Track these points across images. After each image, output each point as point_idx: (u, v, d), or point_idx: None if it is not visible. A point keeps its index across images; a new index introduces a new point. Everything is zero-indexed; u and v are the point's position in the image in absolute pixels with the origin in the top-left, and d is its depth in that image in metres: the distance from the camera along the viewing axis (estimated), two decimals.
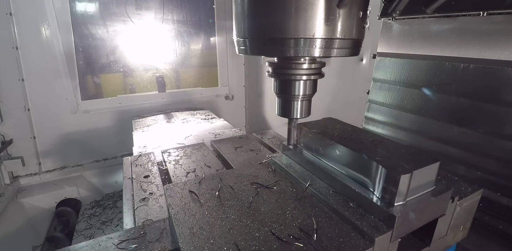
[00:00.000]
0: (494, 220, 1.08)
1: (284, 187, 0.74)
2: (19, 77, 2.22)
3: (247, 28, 0.72)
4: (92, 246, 0.67)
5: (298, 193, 0.71)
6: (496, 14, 0.98)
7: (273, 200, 0.69)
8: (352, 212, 0.61)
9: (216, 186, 0.75)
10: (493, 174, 1.06)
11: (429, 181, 0.63)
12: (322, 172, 0.74)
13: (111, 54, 2.70)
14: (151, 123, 2.28)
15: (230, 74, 3.17)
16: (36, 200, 2.34)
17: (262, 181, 0.77)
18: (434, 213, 0.64)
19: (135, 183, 1.13)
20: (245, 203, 0.68)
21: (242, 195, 0.71)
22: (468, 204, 0.73)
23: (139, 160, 1.34)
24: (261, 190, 0.73)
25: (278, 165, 0.85)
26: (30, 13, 2.17)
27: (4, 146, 2.20)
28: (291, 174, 0.79)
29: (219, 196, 0.71)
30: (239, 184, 0.76)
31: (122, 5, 2.58)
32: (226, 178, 0.80)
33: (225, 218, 0.63)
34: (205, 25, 3.04)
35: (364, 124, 1.51)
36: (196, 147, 1.44)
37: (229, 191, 0.73)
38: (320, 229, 0.58)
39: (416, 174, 0.57)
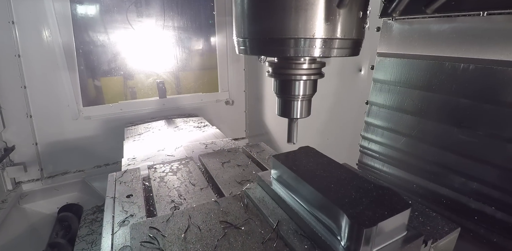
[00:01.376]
0: (489, 233, 1.07)
1: (253, 226, 0.72)
2: (21, 84, 2.23)
3: (247, 28, 0.72)
4: None
5: (266, 235, 0.68)
6: (496, 14, 0.98)
7: (240, 243, 0.66)
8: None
9: (184, 225, 0.73)
10: (488, 185, 1.06)
11: (399, 228, 0.60)
12: (292, 211, 0.71)
13: (113, 61, 2.72)
14: (143, 131, 2.27)
15: (230, 79, 3.18)
16: (38, 206, 2.34)
17: (232, 219, 0.75)
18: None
19: (117, 202, 1.09)
20: (210, 247, 0.65)
21: (209, 237, 0.69)
22: (444, 244, 0.70)
23: (124, 176, 1.31)
24: (229, 231, 0.71)
25: (251, 199, 0.83)
26: (32, 21, 2.19)
27: (6, 152, 2.21)
28: (262, 211, 0.76)
29: (184, 238, 0.69)
30: (207, 223, 0.74)
31: (123, 12, 2.61)
32: (195, 215, 0.77)
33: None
34: (205, 32, 3.06)
35: (363, 132, 1.51)
36: (183, 162, 1.44)
37: (195, 232, 0.71)
38: None
39: (382, 225, 0.54)
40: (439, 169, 1.21)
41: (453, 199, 1.17)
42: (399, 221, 0.58)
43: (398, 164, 1.37)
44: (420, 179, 1.28)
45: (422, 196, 1.29)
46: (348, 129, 1.83)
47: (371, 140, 1.48)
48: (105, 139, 2.67)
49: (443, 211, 1.22)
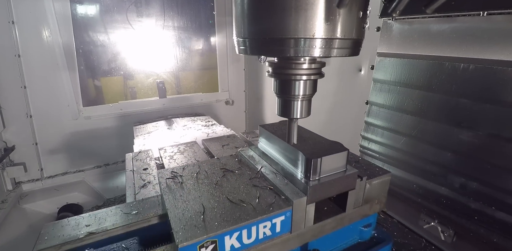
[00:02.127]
0: (489, 233, 1.07)
1: (244, 171, 0.97)
2: (21, 85, 2.23)
3: (247, 28, 0.72)
4: (106, 212, 0.91)
5: (252, 175, 0.94)
6: (496, 14, 0.98)
7: (234, 180, 0.92)
8: (284, 185, 0.85)
9: (195, 170, 0.98)
10: (488, 185, 1.06)
11: (340, 164, 0.83)
12: (271, 160, 0.97)
13: (113, 61, 2.72)
14: (152, 129, 2.28)
15: (230, 79, 3.18)
16: (38, 206, 2.34)
17: (229, 167, 1.00)
18: (344, 187, 0.84)
19: (135, 174, 1.35)
20: (214, 181, 0.91)
21: (213, 176, 0.94)
22: (377, 183, 0.93)
23: (139, 155, 1.55)
24: (227, 173, 0.96)
25: (243, 157, 1.07)
26: (32, 21, 2.19)
27: (6, 152, 2.21)
28: (250, 163, 1.02)
29: (196, 177, 0.94)
30: (212, 169, 0.99)
31: (123, 12, 2.61)
32: (203, 165, 1.02)
33: (198, 190, 0.86)
34: (205, 31, 3.06)
35: (363, 132, 1.51)
36: (189, 145, 1.67)
37: (204, 174, 0.96)
38: (260, 196, 0.81)
39: (325, 159, 0.79)
40: (438, 169, 1.21)
41: (453, 199, 1.17)
42: (339, 159, 0.83)
43: (398, 164, 1.37)
44: (420, 179, 1.28)
45: (422, 196, 1.29)
46: (348, 129, 1.83)
47: (371, 140, 1.48)
48: (105, 139, 2.67)
49: (443, 211, 1.22)
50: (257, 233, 0.75)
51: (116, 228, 0.85)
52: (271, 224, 0.76)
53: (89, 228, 0.84)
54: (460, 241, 1.20)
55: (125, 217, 0.88)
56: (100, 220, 0.87)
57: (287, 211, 0.77)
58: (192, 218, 0.72)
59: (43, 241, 0.80)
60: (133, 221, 0.87)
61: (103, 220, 0.87)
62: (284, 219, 0.78)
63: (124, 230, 0.86)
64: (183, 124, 2.39)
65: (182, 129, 2.25)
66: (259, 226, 0.74)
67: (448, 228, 1.21)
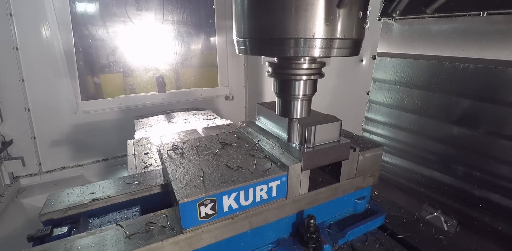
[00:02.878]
0: (493, 220, 1.08)
1: (242, 144, 1.02)
2: (19, 78, 2.22)
3: (247, 28, 0.72)
4: (109, 183, 0.97)
5: (250, 147, 0.98)
6: (496, 14, 0.98)
7: (232, 151, 0.96)
8: (281, 154, 0.88)
9: (195, 144, 1.02)
10: (492, 175, 1.06)
11: (333, 135, 0.88)
12: (269, 134, 1.01)
13: (111, 55, 2.71)
14: (153, 123, 2.28)
15: (230, 74, 3.17)
16: (36, 201, 2.33)
17: (228, 141, 1.04)
18: (337, 157, 0.88)
19: (137, 158, 1.40)
20: (213, 152, 0.95)
21: (212, 148, 0.98)
22: (370, 156, 0.95)
23: (140, 142, 1.63)
24: (226, 146, 1.00)
25: (242, 132, 1.12)
26: (30, 13, 2.17)
27: (4, 146, 2.21)
28: (248, 137, 1.06)
29: (197, 149, 0.98)
30: (212, 143, 1.03)
31: (122, 6, 2.59)
32: (202, 140, 1.07)
33: (198, 159, 0.90)
34: (205, 26, 3.04)
35: (364, 125, 1.51)
36: (189, 132, 1.77)
37: (203, 146, 1.00)
38: (257, 164, 0.85)
39: (319, 128, 0.84)
40: (441, 159, 1.21)
41: (457, 187, 1.17)
42: (333, 129, 0.87)
43: (400, 154, 1.37)
44: (423, 168, 1.28)
45: (425, 185, 1.29)
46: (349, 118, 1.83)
47: (372, 133, 1.48)
48: (104, 134, 2.66)
49: (446, 199, 1.22)
50: (254, 195, 0.78)
51: (119, 195, 0.90)
52: (267, 187, 0.80)
53: (93, 195, 0.90)
54: (463, 230, 1.21)
55: (128, 186, 0.95)
56: (104, 189, 0.94)
57: (283, 176, 0.81)
58: (192, 180, 0.77)
59: (49, 206, 0.85)
60: (135, 190, 0.93)
61: (107, 189, 0.94)
62: (279, 184, 0.81)
63: (126, 197, 0.91)
64: (184, 118, 2.39)
65: (183, 122, 2.25)
66: (255, 189, 0.78)
67: (452, 218, 1.21)
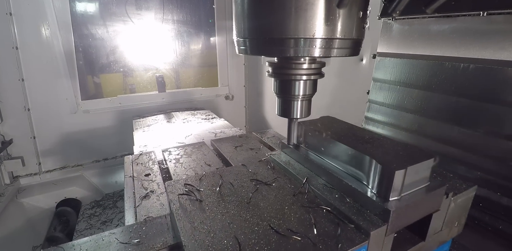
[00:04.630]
0: (494, 220, 1.07)
1: (282, 183, 0.76)
2: (19, 77, 2.22)
3: (247, 28, 0.72)
4: (96, 241, 0.68)
5: (296, 189, 0.72)
6: (496, 14, 0.97)
7: (272, 196, 0.70)
8: (348, 207, 0.63)
9: (217, 183, 0.77)
10: (493, 174, 1.06)
11: (424, 177, 0.64)
12: (320, 168, 0.75)
13: (111, 54, 2.70)
14: (152, 123, 2.28)
15: (230, 74, 3.16)
16: (36, 200, 2.34)
17: (261, 178, 0.79)
18: (428, 209, 0.65)
19: (136, 181, 1.13)
20: (245, 198, 0.70)
21: (242, 191, 0.73)
22: (462, 200, 0.74)
23: (140, 158, 1.35)
24: (260, 187, 0.75)
25: (277, 163, 0.86)
26: (30, 13, 2.16)
27: (4, 146, 2.20)
28: (289, 171, 0.80)
29: (219, 192, 0.73)
30: (239, 181, 0.78)
31: (122, 5, 2.58)
32: (226, 175, 0.81)
33: (225, 213, 0.64)
34: (205, 25, 3.04)
35: (364, 124, 1.51)
36: (197, 146, 1.45)
37: (229, 187, 0.75)
38: (317, 223, 0.59)
39: (410, 170, 0.59)
40: (441, 157, 1.21)
41: None
42: (424, 169, 0.63)
43: None
44: None
45: None
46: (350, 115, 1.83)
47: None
48: (104, 134, 2.66)
49: None
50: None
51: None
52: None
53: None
54: (464, 229, 1.20)
55: (123, 249, 0.65)
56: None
57: (362, 248, 0.55)
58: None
59: None
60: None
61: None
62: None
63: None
64: (183, 118, 2.39)
65: (182, 122, 2.25)
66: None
67: None
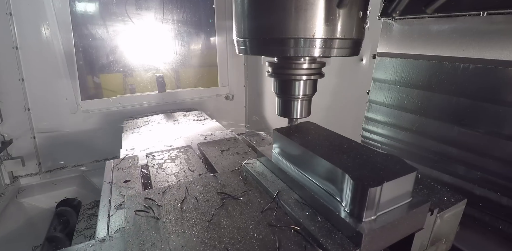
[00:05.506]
0: (494, 220, 1.07)
1: (252, 197, 0.71)
2: (19, 77, 2.21)
3: (247, 28, 0.72)
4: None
5: (266, 204, 0.67)
6: (496, 14, 0.97)
7: (238, 212, 0.65)
8: (319, 227, 0.57)
9: (181, 197, 0.72)
10: (493, 174, 1.06)
11: (405, 192, 0.57)
12: (293, 181, 0.71)
13: (111, 54, 2.70)
14: (142, 124, 2.27)
15: (230, 74, 3.17)
16: (36, 200, 2.34)
17: (230, 191, 0.74)
18: (410, 228, 0.58)
19: (114, 188, 1.07)
20: (207, 216, 0.64)
21: (206, 206, 0.67)
22: (450, 216, 0.68)
23: (121, 163, 1.30)
24: (227, 201, 0.70)
25: (250, 173, 0.82)
26: (30, 13, 2.16)
27: (4, 146, 2.20)
28: (261, 183, 0.75)
29: (181, 208, 0.67)
30: (205, 194, 0.73)
31: (122, 5, 2.59)
32: (192, 187, 0.77)
33: (181, 233, 0.59)
34: (205, 25, 3.04)
35: (364, 124, 1.51)
36: (182, 150, 1.42)
37: (192, 202, 0.70)
38: (282, 247, 0.53)
39: (387, 186, 0.51)
40: (441, 157, 1.21)
41: (457, 186, 1.17)
42: (405, 185, 0.56)
43: (400, 153, 1.37)
44: (423, 167, 1.28)
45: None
46: (349, 118, 1.83)
47: (372, 132, 1.48)
48: (103, 133, 2.66)
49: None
50: None
51: None
52: None
53: None
54: (464, 229, 1.20)
55: None
56: None
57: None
58: None
59: None
60: None
61: None
62: None
63: None
64: (174, 119, 2.39)
65: (172, 123, 2.25)
66: None
67: None
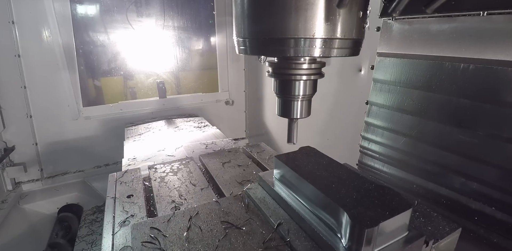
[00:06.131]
0: (489, 233, 1.07)
1: (254, 227, 0.73)
2: (21, 85, 2.23)
3: (247, 28, 0.72)
4: None
5: (266, 234, 0.70)
6: (496, 14, 0.98)
7: (241, 243, 0.68)
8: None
9: (185, 226, 0.75)
10: (489, 185, 1.05)
11: (401, 228, 0.61)
12: (293, 212, 0.71)
13: (113, 61, 2.72)
14: (143, 131, 2.27)
15: (230, 79, 3.18)
16: (38, 206, 2.34)
17: (233, 219, 0.76)
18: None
19: (117, 203, 1.09)
20: (211, 247, 0.67)
21: (210, 237, 0.71)
22: (445, 245, 0.70)
23: (124, 176, 1.31)
24: (230, 231, 0.73)
25: (252, 199, 0.84)
26: (32, 21, 2.19)
27: (6, 152, 2.21)
28: (262, 211, 0.77)
29: (186, 239, 0.70)
30: (208, 223, 0.76)
31: (123, 12, 2.61)
32: (196, 215, 0.79)
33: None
34: (205, 32, 3.06)
35: (363, 132, 1.51)
36: (184, 163, 1.44)
37: (196, 232, 0.73)
38: None
39: (384, 225, 0.55)
40: (439, 169, 1.21)
41: (453, 199, 1.17)
42: (401, 221, 0.59)
43: (398, 164, 1.37)
44: (420, 179, 1.28)
45: (422, 196, 1.29)
46: (348, 129, 1.83)
47: (371, 140, 1.47)
48: (105, 139, 2.66)
49: (443, 211, 1.21)
50: None
51: None
52: None
53: None
54: (460, 241, 1.20)
55: None
56: None
57: None
58: None
59: None
60: None
61: None
62: None
63: None
64: (175, 126, 2.39)
65: (173, 130, 2.25)
66: None
67: None
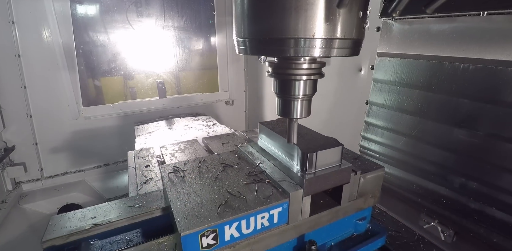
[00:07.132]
0: (488, 233, 1.07)
1: (243, 166, 1.02)
2: (21, 84, 2.23)
3: (247, 28, 0.72)
4: (111, 205, 0.98)
5: (251, 170, 0.98)
6: (496, 14, 0.98)
7: (233, 174, 0.97)
8: (281, 179, 0.89)
9: (197, 165, 1.03)
10: (488, 185, 1.06)
11: (335, 159, 0.89)
12: (270, 155, 1.01)
13: (113, 61, 2.72)
14: (153, 129, 2.27)
15: (230, 79, 3.18)
16: (38, 206, 2.33)
17: (228, 162, 1.04)
18: (339, 181, 0.89)
19: (138, 171, 1.38)
20: (215, 175, 0.96)
21: (213, 171, 0.99)
22: (371, 177, 0.97)
23: (140, 153, 1.59)
24: (227, 168, 1.00)
25: (243, 153, 1.12)
26: (32, 21, 2.19)
27: (6, 152, 2.21)
28: (249, 158, 1.06)
29: (198, 171, 0.99)
30: (213, 164, 1.04)
31: (123, 12, 2.61)
32: (204, 160, 1.07)
33: (199, 183, 0.91)
34: (205, 31, 3.06)
35: (363, 132, 1.51)
36: (189, 143, 1.70)
37: (205, 168, 1.01)
38: (258, 189, 0.86)
39: (320, 153, 0.84)
40: (439, 169, 1.21)
41: (453, 199, 1.17)
42: (334, 154, 0.88)
43: (398, 164, 1.37)
44: (420, 179, 1.28)
45: (422, 196, 1.29)
46: (348, 129, 1.83)
47: (371, 140, 1.48)
48: (105, 139, 2.67)
49: (443, 210, 1.22)
50: (255, 223, 0.80)
51: (120, 220, 0.91)
52: (269, 215, 0.81)
53: (95, 220, 0.90)
54: (460, 241, 1.21)
55: (129, 209, 0.95)
56: (105, 212, 0.94)
57: (284, 203, 0.82)
58: (194, 209, 0.77)
59: (51, 231, 0.85)
60: (136, 214, 0.93)
61: (108, 212, 0.94)
62: (281, 211, 0.82)
63: (128, 222, 0.92)
64: (184, 124, 2.38)
65: (183, 128, 2.25)
66: (257, 217, 0.79)
67: (448, 228, 1.21)
